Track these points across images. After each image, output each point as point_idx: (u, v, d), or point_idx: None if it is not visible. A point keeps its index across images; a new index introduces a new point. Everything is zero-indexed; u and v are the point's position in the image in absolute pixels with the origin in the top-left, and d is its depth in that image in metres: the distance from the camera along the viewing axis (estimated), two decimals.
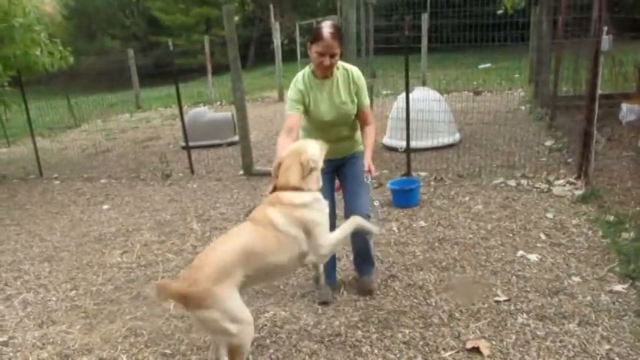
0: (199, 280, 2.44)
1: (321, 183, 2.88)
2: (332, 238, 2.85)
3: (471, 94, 11.81)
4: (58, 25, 27.72)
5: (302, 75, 3.31)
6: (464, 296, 3.49)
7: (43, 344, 3.40)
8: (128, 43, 25.38)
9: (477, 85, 13.17)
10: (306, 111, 3.31)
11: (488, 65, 15.67)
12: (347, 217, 3.29)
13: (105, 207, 6.38)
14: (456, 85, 12.80)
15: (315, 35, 3.11)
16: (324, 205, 2.87)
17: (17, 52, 7.84)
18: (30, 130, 8.65)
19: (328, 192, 3.31)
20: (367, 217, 3.30)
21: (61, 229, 5.72)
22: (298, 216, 2.69)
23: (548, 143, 7.18)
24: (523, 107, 10.20)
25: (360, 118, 3.43)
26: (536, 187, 5.50)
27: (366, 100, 3.39)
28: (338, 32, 3.11)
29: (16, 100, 8.80)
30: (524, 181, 5.70)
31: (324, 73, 3.23)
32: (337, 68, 3.28)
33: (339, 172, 3.57)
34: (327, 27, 3.08)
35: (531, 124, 8.52)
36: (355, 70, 3.33)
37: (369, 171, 3.34)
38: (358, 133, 3.54)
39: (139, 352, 3.21)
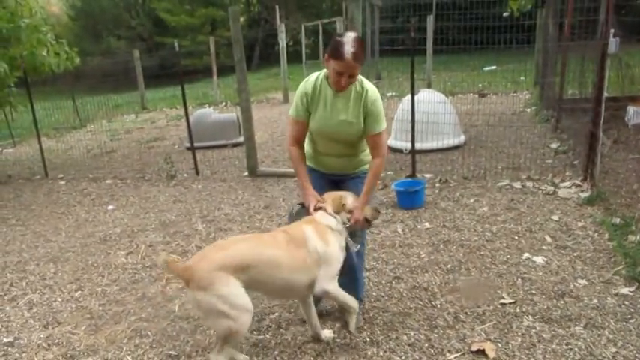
0: (207, 259, 2.61)
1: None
2: (337, 286, 2.90)
3: (476, 96, 11.80)
4: (64, 26, 27.86)
5: (315, 77, 3.02)
6: (469, 298, 3.48)
7: (49, 345, 3.41)
8: (134, 43, 25.46)
9: (482, 87, 13.16)
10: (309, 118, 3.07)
11: (493, 67, 15.64)
12: None
13: (110, 207, 6.40)
14: (461, 87, 12.79)
15: (335, 52, 2.77)
16: (343, 243, 2.96)
17: (24, 53, 7.88)
18: (36, 131, 8.69)
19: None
20: (361, 244, 3.22)
21: (66, 230, 5.73)
22: (328, 239, 2.85)
23: (554, 145, 7.16)
24: (528, 109, 10.18)
25: (369, 145, 3.07)
26: (542, 190, 5.48)
27: (378, 126, 2.98)
28: (361, 50, 2.77)
29: (22, 100, 8.83)
30: (529, 184, 5.68)
31: (339, 89, 2.92)
32: (357, 81, 2.96)
33: (338, 189, 3.22)
34: (349, 45, 2.73)
35: (537, 127, 8.51)
36: (372, 92, 2.97)
37: (350, 214, 2.97)
38: (366, 154, 3.18)
39: (144, 353, 3.22)
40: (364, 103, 2.95)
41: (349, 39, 2.76)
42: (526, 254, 4.06)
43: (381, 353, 2.97)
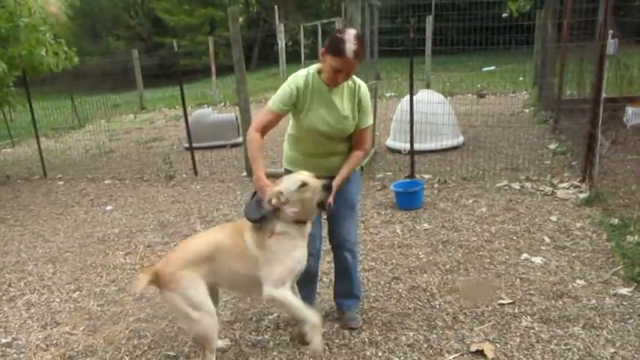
0: (169, 263, 2.72)
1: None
2: (285, 294, 2.67)
3: (475, 96, 11.82)
4: (62, 26, 27.79)
5: (306, 73, 2.91)
6: (468, 299, 3.48)
7: (47, 345, 3.41)
8: (132, 43, 25.43)
9: (480, 87, 13.17)
10: (297, 116, 2.95)
11: (492, 68, 15.66)
12: (332, 241, 3.22)
13: (108, 208, 6.39)
14: (460, 88, 12.81)
15: (335, 49, 2.69)
16: (296, 248, 2.73)
17: (22, 52, 7.86)
18: (34, 131, 8.68)
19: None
20: (354, 244, 3.20)
21: (64, 230, 5.72)
22: (266, 242, 2.70)
23: (552, 146, 7.17)
24: (527, 110, 10.19)
25: (355, 138, 3.02)
26: (540, 190, 5.49)
27: (368, 120, 3.00)
28: (362, 48, 2.71)
29: (20, 100, 8.82)
30: (528, 184, 5.69)
31: (334, 84, 2.85)
32: None
33: None
34: (351, 43, 2.66)
35: (535, 127, 8.52)
36: (363, 87, 2.97)
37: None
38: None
39: (143, 353, 3.21)
40: (358, 99, 2.94)
41: (350, 36, 2.68)
42: (525, 255, 4.06)
43: (380, 354, 2.97)
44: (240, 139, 8.54)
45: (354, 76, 2.95)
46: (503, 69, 14.60)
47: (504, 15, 9.52)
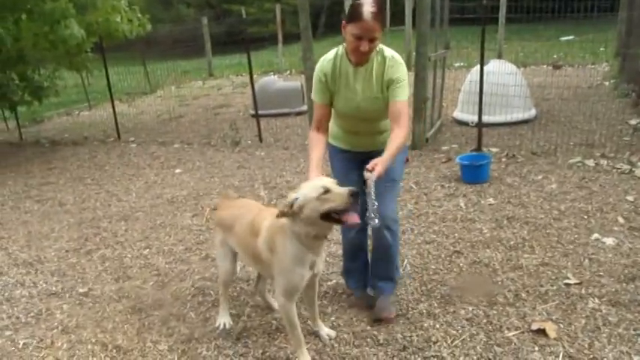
0: (221, 211, 3.11)
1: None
2: (287, 309, 2.59)
3: (550, 67, 11.23)
4: None
5: (333, 55, 2.80)
6: (532, 277, 3.38)
7: (119, 297, 3.63)
8: (202, 11, 25.81)
9: (557, 58, 12.48)
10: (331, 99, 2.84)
11: (570, 38, 14.75)
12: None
13: (177, 171, 6.64)
14: (534, 58, 12.20)
15: (352, 14, 2.58)
16: (302, 264, 2.50)
17: (99, 19, 8.17)
18: (109, 95, 9.09)
19: (359, 187, 2.52)
20: (393, 221, 2.93)
21: (136, 190, 6.01)
22: (275, 240, 2.55)
23: (633, 122, 6.73)
24: (607, 83, 9.59)
25: (390, 114, 2.73)
26: (617, 168, 5.19)
27: (401, 93, 2.70)
28: (380, 12, 2.58)
29: (97, 65, 9.23)
30: (603, 161, 5.39)
31: (360, 59, 2.69)
32: (377, 51, 2.73)
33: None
34: (368, 4, 2.54)
35: (615, 101, 8.01)
36: (394, 58, 2.76)
37: (371, 170, 2.47)
38: None
39: (207, 310, 3.36)
40: (386, 72, 2.73)
41: (367, 0, 2.56)
42: (595, 235, 3.88)
43: (438, 326, 2.96)
44: (305, 107, 8.57)
45: (385, 50, 2.77)
46: (583, 39, 13.73)
47: None
